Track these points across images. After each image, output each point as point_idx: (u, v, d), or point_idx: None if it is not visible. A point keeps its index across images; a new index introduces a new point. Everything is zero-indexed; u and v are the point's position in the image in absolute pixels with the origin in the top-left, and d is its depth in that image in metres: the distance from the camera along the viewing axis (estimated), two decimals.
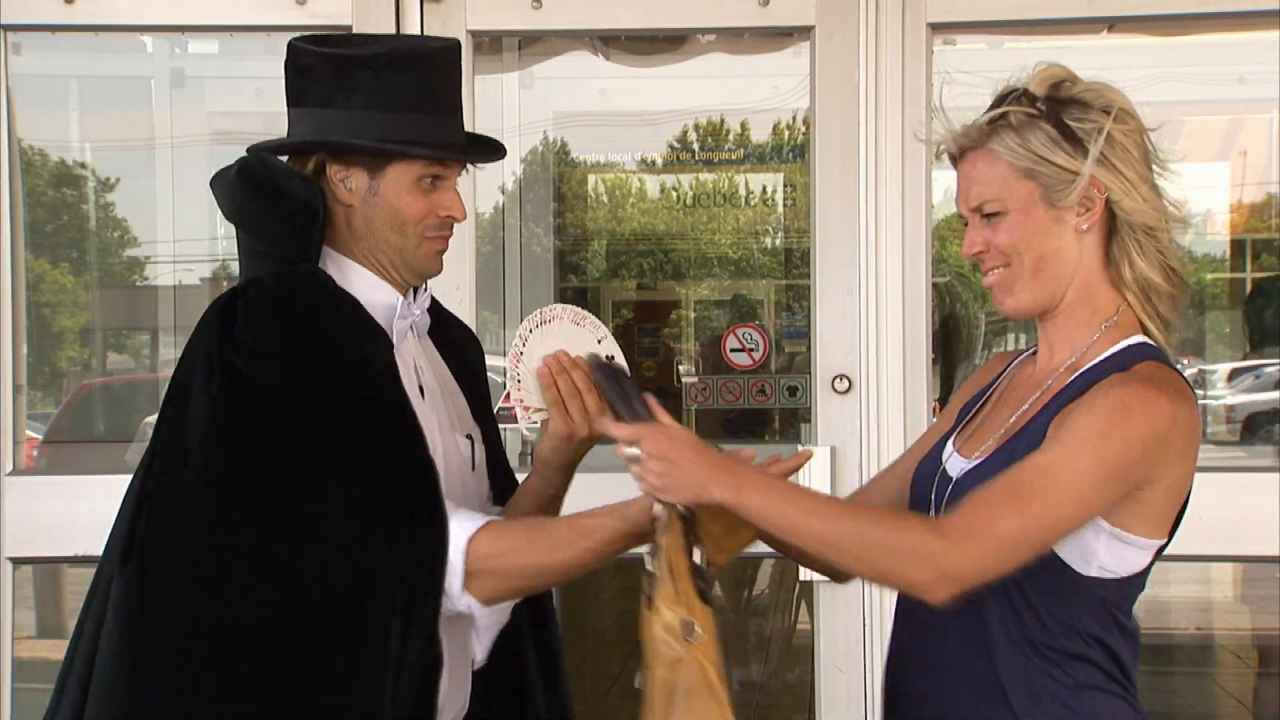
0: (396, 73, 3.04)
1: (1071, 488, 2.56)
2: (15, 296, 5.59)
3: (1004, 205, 2.74)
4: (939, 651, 2.77)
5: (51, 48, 6.52)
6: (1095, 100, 2.74)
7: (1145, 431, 2.61)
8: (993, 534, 2.55)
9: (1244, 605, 7.47)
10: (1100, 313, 2.78)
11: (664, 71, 7.81)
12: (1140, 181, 2.74)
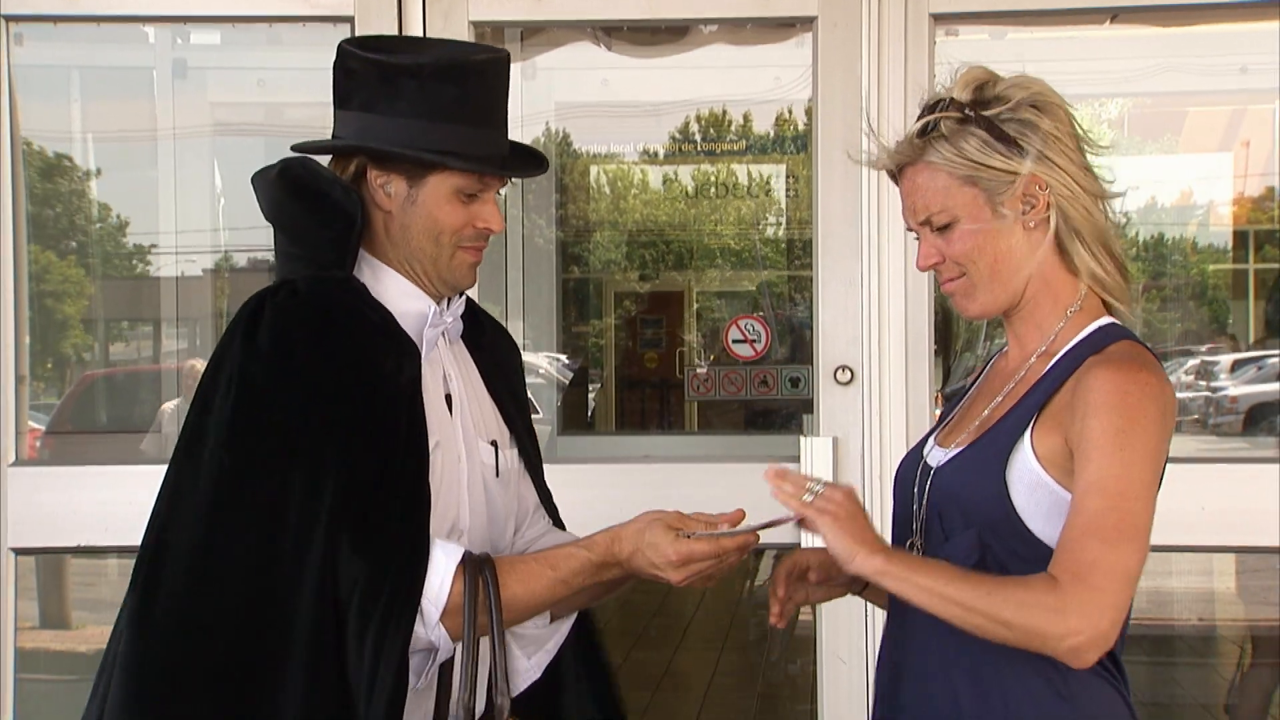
0: (441, 83, 3.04)
1: (1132, 490, 2.59)
2: (18, 287, 5.60)
3: (952, 215, 2.75)
4: (932, 649, 2.77)
5: (53, 38, 6.52)
6: (1019, 96, 2.75)
7: (1153, 398, 2.64)
8: (1110, 581, 2.56)
9: (1242, 597, 7.49)
10: (1063, 300, 2.80)
11: (666, 62, 7.82)
12: (1077, 169, 2.76)
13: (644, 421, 9.76)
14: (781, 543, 5.52)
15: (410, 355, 3.06)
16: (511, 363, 3.43)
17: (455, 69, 3.08)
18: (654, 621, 9.12)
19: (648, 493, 5.63)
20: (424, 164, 3.04)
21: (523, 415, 3.34)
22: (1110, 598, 2.55)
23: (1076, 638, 2.52)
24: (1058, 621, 2.52)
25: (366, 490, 2.89)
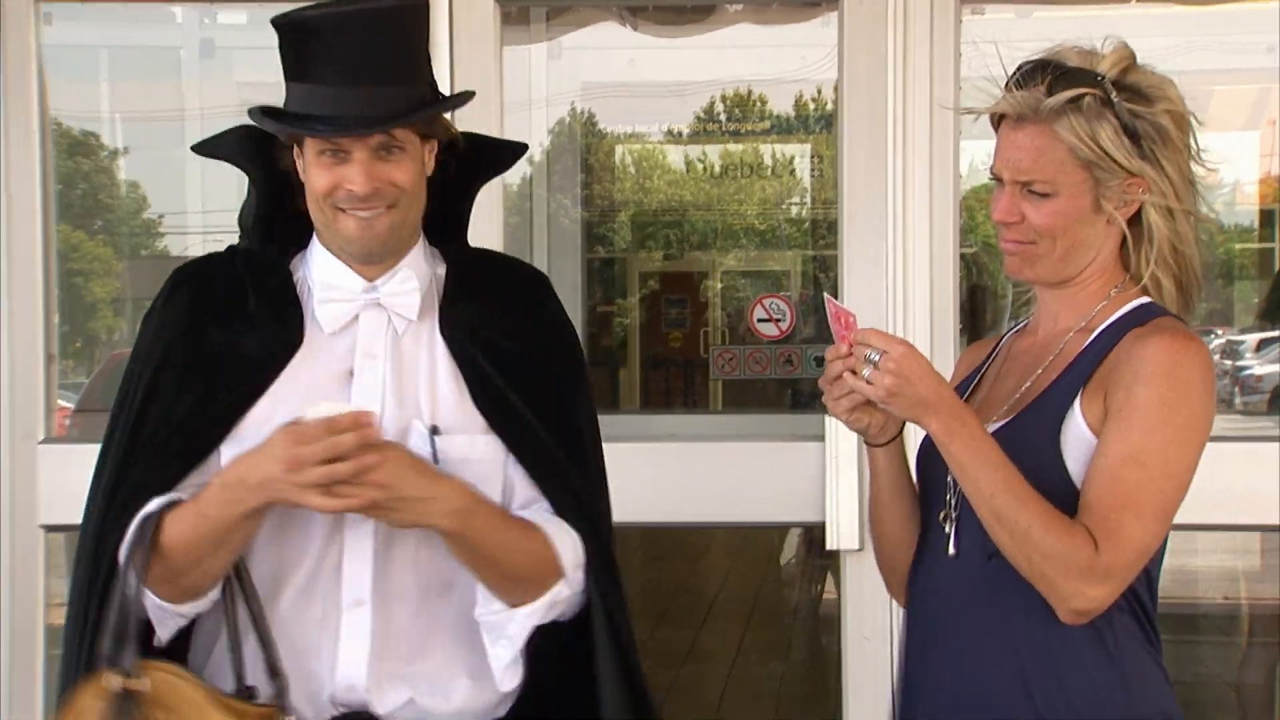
0: (301, 43, 2.91)
1: (1169, 470, 2.64)
2: (47, 266, 5.62)
3: (1054, 188, 2.73)
4: (972, 617, 2.78)
5: (82, 18, 6.54)
6: (1156, 94, 2.73)
7: (1201, 379, 2.68)
8: (1129, 544, 2.62)
9: (1269, 575, 7.54)
10: (1110, 283, 2.81)
11: (692, 42, 7.82)
12: (1181, 182, 2.75)
13: (669, 400, 9.77)
14: (810, 520, 5.54)
15: (286, 327, 2.99)
16: (522, 349, 3.09)
17: (311, 25, 2.90)
18: (677, 599, 9.14)
19: (673, 471, 5.66)
20: (283, 131, 2.96)
21: (531, 403, 3.02)
22: (1130, 575, 2.65)
23: (1088, 604, 2.62)
24: (1082, 586, 2.60)
25: (136, 450, 2.92)
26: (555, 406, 3.06)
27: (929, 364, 2.68)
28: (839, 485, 5.40)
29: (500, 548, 2.83)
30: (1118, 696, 2.70)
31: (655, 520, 5.77)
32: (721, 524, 7.68)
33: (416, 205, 3.00)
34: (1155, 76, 2.75)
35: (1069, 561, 2.59)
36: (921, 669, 2.86)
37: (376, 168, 2.90)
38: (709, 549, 9.17)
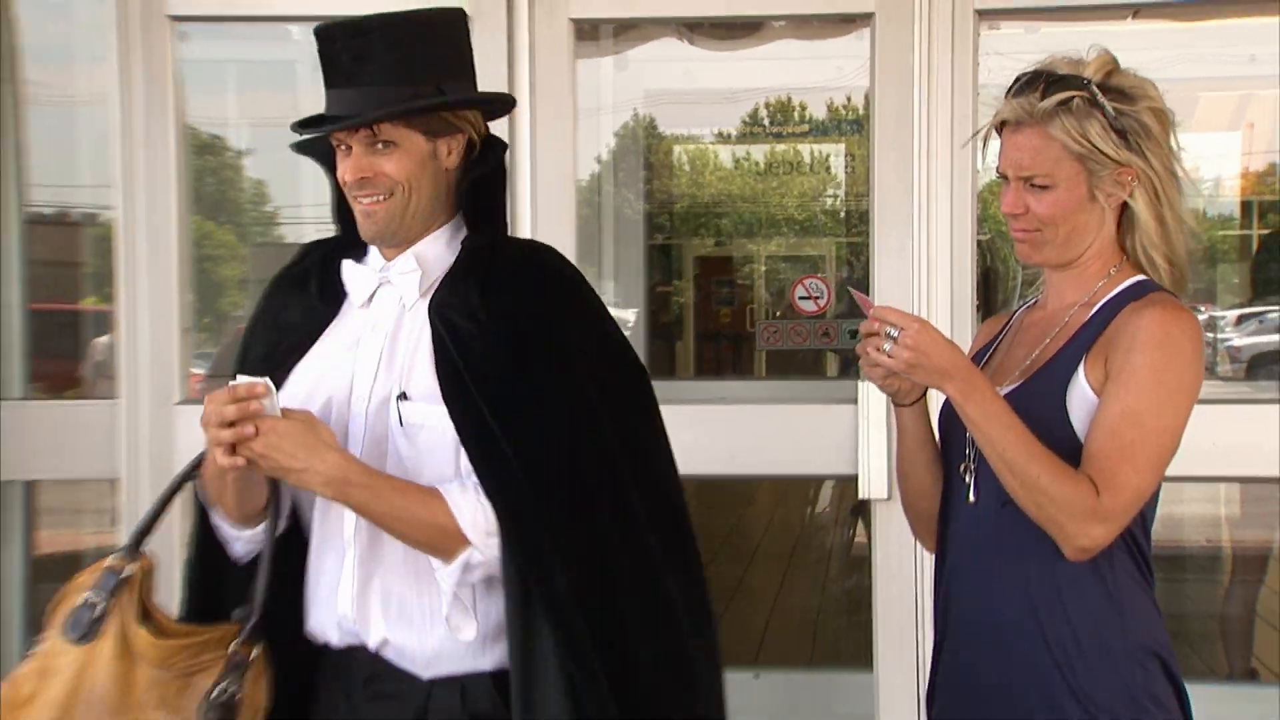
0: (320, 51, 2.92)
1: (1163, 425, 2.66)
2: (182, 252, 5.65)
3: (1052, 181, 2.74)
4: (988, 556, 2.78)
5: (212, 36, 6.54)
6: (1138, 94, 2.75)
7: (1191, 346, 2.70)
8: (1125, 491, 2.64)
9: (1248, 521, 7.57)
10: (1109, 263, 2.81)
11: (741, 54, 7.79)
12: (1165, 173, 2.76)
13: (719, 368, 9.77)
14: (844, 473, 5.54)
15: (323, 302, 3.04)
16: (484, 331, 2.93)
17: (319, 34, 2.92)
18: (727, 542, 9.14)
19: (723, 430, 5.66)
20: (295, 132, 3.00)
21: (481, 382, 2.89)
22: (1127, 517, 2.67)
23: (1091, 543, 2.64)
24: (1086, 526, 2.62)
25: None
26: (509, 389, 2.90)
27: (942, 336, 2.70)
28: (870, 442, 5.39)
29: (386, 515, 2.79)
30: (1115, 627, 2.70)
31: (707, 473, 5.77)
32: (765, 476, 7.69)
33: (419, 195, 2.93)
34: (1136, 78, 2.77)
35: (1074, 506, 2.61)
36: (948, 604, 2.87)
37: (366, 160, 2.88)
38: (755, 498, 9.18)
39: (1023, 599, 2.72)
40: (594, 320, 3.05)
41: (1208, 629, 7.43)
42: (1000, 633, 2.75)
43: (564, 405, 2.90)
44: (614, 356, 3.07)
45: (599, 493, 2.89)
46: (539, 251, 3.11)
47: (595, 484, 2.89)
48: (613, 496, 2.90)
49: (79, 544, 7.16)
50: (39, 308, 6.87)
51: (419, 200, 2.93)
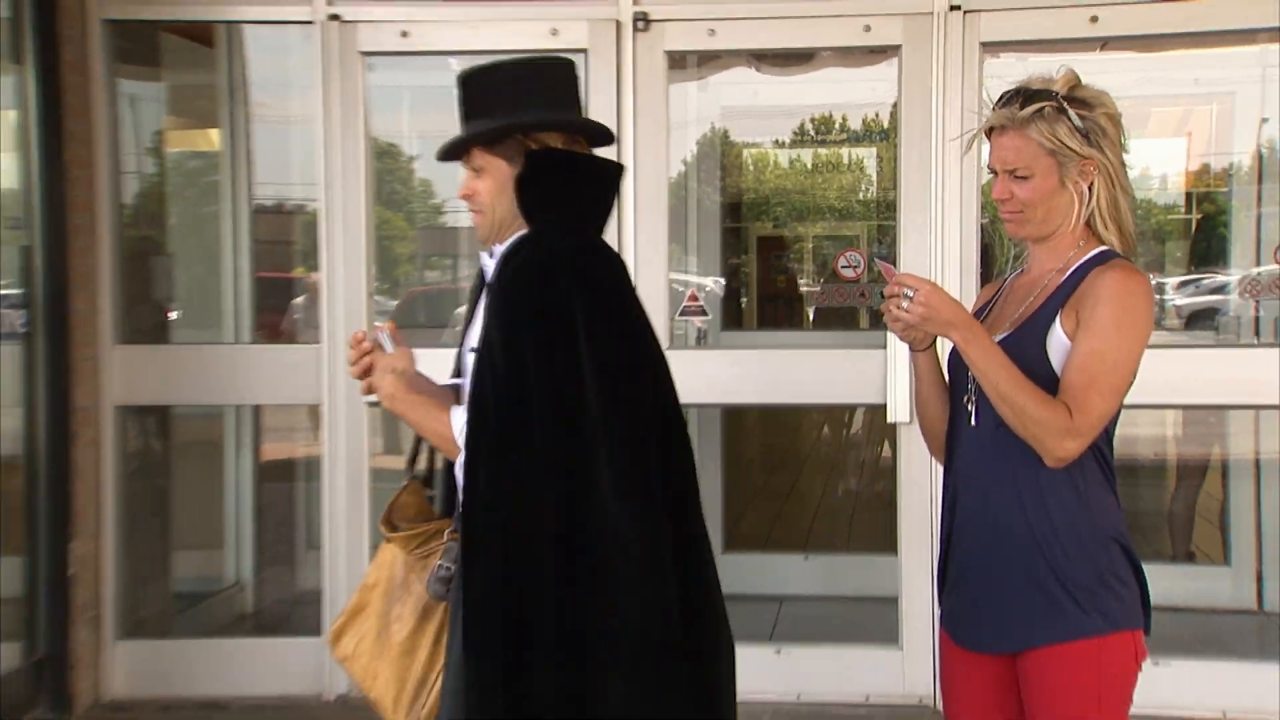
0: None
1: (1120, 361, 2.65)
2: (368, 233, 5.73)
3: (1030, 171, 2.72)
4: (985, 468, 2.76)
5: (391, 67, 6.58)
6: (1097, 103, 2.72)
7: (1143, 299, 2.69)
8: (1093, 412, 2.64)
9: (1189, 439, 7.57)
10: (1078, 238, 2.77)
11: (796, 78, 7.75)
12: (1117, 164, 2.74)
13: (776, 322, 9.75)
14: (875, 402, 5.54)
15: (480, 282, 2.99)
16: (487, 303, 2.89)
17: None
18: (783, 456, 9.15)
19: (780, 369, 5.69)
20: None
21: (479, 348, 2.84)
22: (1094, 434, 2.65)
23: (1066, 454, 2.64)
24: (1062, 441, 2.62)
25: None
26: (482, 347, 2.81)
27: (949, 296, 2.70)
28: (896, 379, 5.39)
29: (415, 425, 2.90)
30: (1085, 519, 2.68)
31: (767, 402, 5.81)
32: (813, 405, 7.70)
33: (500, 208, 2.88)
34: (1094, 90, 2.76)
35: (1052, 425, 2.61)
36: (954, 505, 2.85)
37: (469, 182, 2.89)
38: (804, 422, 9.17)
39: (1013, 499, 2.70)
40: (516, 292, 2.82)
41: (1157, 523, 7.39)
42: (995, 526, 2.73)
43: (509, 370, 2.73)
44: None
45: (539, 433, 2.71)
46: (516, 245, 2.87)
47: (537, 427, 2.72)
48: (556, 439, 2.71)
49: (292, 453, 7.27)
50: (262, 275, 6.99)
51: (500, 213, 2.88)
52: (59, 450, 5.55)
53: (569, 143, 2.85)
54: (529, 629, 2.65)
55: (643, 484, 2.71)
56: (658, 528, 2.71)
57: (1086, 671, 2.67)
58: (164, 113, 6.75)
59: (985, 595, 2.76)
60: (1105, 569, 2.69)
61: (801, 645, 5.70)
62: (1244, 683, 5.41)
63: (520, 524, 2.68)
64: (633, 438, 2.71)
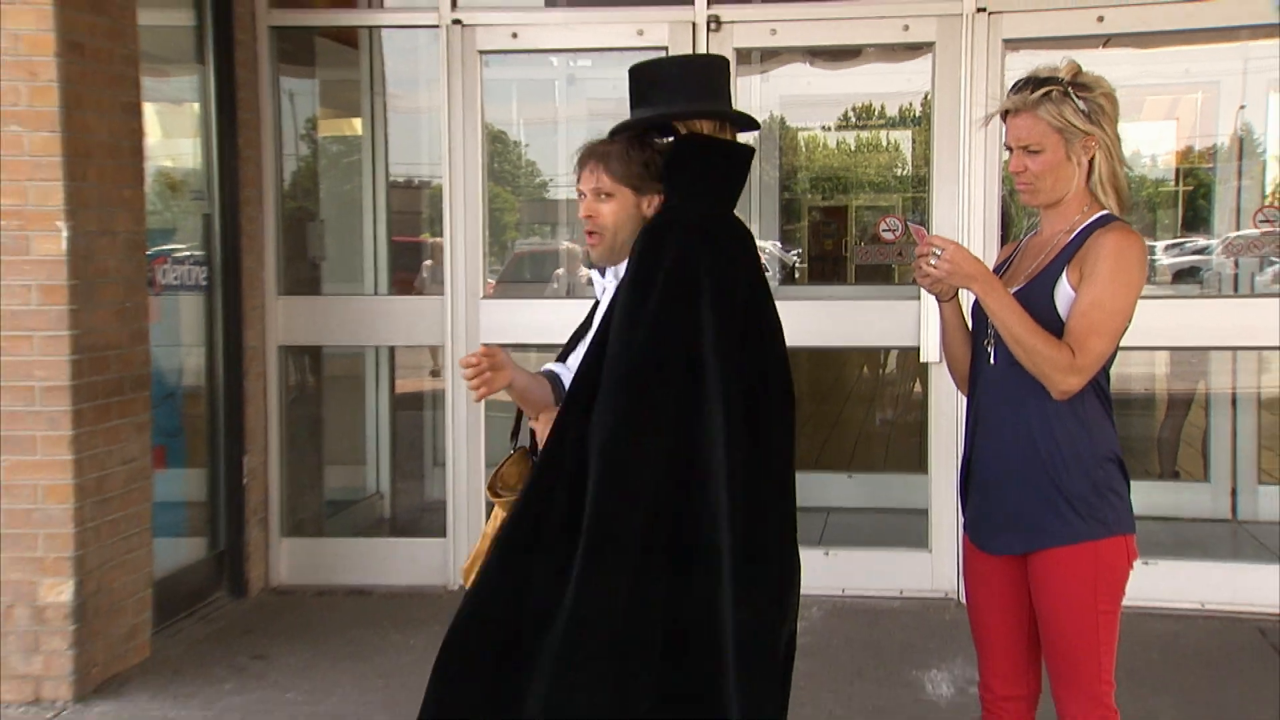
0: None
1: (1111, 307, 2.64)
2: (484, 206, 5.77)
3: (1041, 147, 2.69)
4: (1002, 401, 2.75)
5: (503, 63, 6.59)
6: (1096, 86, 2.69)
7: (1138, 257, 2.67)
8: (1090, 356, 2.63)
9: (1176, 377, 7.52)
10: (1083, 204, 2.74)
11: (845, 71, 7.70)
12: (1114, 138, 2.71)
13: (825, 277, 9.72)
14: (909, 345, 5.54)
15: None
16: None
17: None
18: (830, 390, 9.10)
19: (828, 317, 5.70)
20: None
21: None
22: (1094, 371, 2.65)
23: (1069, 388, 2.64)
24: (1066, 376, 2.62)
25: None
26: (614, 303, 2.67)
27: (970, 253, 2.70)
28: (927, 325, 5.38)
29: (524, 402, 2.78)
30: (1085, 442, 2.68)
31: (818, 345, 5.81)
32: (857, 348, 7.68)
33: (621, 233, 2.78)
34: (1094, 76, 2.72)
35: (1057, 363, 2.61)
36: (975, 431, 2.84)
37: (591, 204, 2.80)
38: (848, 362, 9.13)
39: (1024, 426, 2.70)
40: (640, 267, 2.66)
41: (1147, 446, 7.35)
42: (1009, 449, 2.73)
43: (634, 352, 2.58)
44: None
45: (658, 379, 2.55)
46: (649, 229, 2.71)
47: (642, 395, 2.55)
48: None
49: (420, 386, 7.33)
50: (397, 240, 7.05)
51: (620, 237, 2.79)
52: (233, 382, 5.67)
53: (719, 129, 2.72)
54: (649, 545, 2.49)
55: (747, 418, 2.56)
56: (757, 465, 2.56)
57: (1086, 569, 2.68)
58: (316, 105, 6.81)
59: (1000, 507, 2.76)
60: (1102, 483, 2.68)
61: (846, 548, 5.72)
62: (1219, 580, 5.41)
63: (638, 458, 2.52)
64: (742, 391, 2.55)
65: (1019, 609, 2.80)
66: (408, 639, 5.12)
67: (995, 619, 2.84)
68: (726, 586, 2.47)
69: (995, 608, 2.83)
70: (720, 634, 2.47)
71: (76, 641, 4.44)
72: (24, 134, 4.33)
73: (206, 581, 5.61)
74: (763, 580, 2.54)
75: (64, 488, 4.39)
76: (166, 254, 5.44)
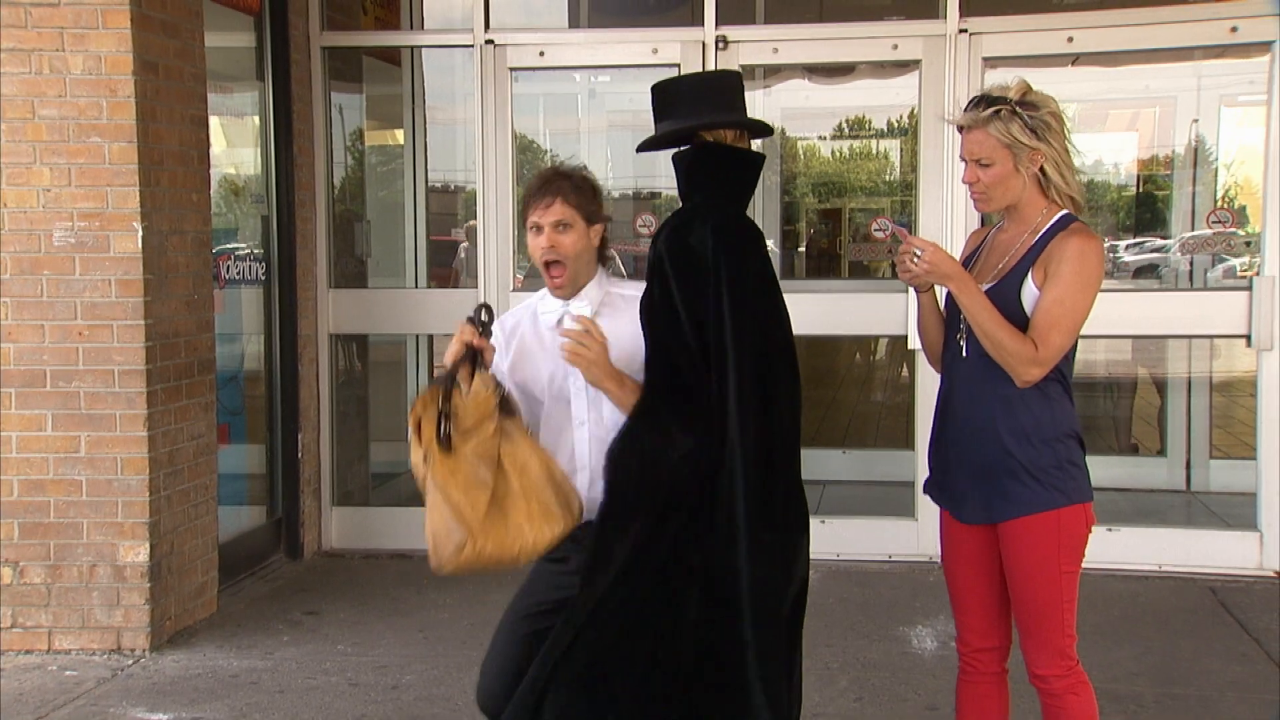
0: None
1: (1071, 304, 2.64)
2: (513, 209, 5.75)
3: (991, 160, 2.68)
4: (974, 387, 2.74)
5: (531, 79, 6.60)
6: (1043, 105, 2.68)
7: (1096, 259, 2.66)
8: (1050, 349, 2.64)
9: (1138, 360, 7.55)
10: (1041, 208, 2.72)
11: (840, 86, 7.71)
12: (1061, 152, 2.69)
13: (821, 272, 9.71)
14: (897, 333, 5.54)
15: None
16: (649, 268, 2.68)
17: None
18: (825, 373, 9.08)
19: (823, 308, 5.70)
20: None
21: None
22: (1054, 362, 2.65)
23: (1030, 378, 2.65)
24: (1029, 368, 2.63)
25: None
26: (645, 297, 2.64)
27: (947, 254, 2.69)
28: (913, 315, 5.37)
29: (615, 397, 2.62)
30: (1047, 421, 2.68)
31: (815, 333, 5.81)
32: (849, 335, 7.69)
33: (580, 263, 2.77)
34: (1042, 95, 2.71)
35: (1021, 355, 2.62)
36: (946, 412, 2.83)
37: (550, 235, 2.74)
38: (842, 349, 9.14)
39: (990, 411, 2.70)
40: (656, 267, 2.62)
41: (1110, 424, 7.37)
42: (979, 431, 2.72)
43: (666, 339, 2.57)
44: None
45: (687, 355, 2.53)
46: (673, 228, 2.65)
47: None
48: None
49: None
50: (434, 239, 7.07)
51: (579, 268, 2.77)
52: (289, 367, 5.71)
53: (736, 137, 2.67)
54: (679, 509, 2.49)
55: (759, 397, 2.53)
56: (766, 428, 2.55)
57: (1051, 535, 2.68)
58: (363, 117, 6.82)
59: (973, 482, 2.76)
60: (1063, 457, 2.69)
61: (840, 518, 5.74)
62: (1175, 545, 5.42)
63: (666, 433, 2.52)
64: (755, 374, 2.53)
65: (990, 571, 2.80)
66: (444, 597, 5.17)
67: (969, 581, 2.84)
68: (743, 552, 2.48)
69: (969, 571, 2.83)
70: (738, 588, 2.49)
71: (152, 597, 4.50)
72: (104, 144, 4.39)
73: (265, 545, 5.66)
74: (774, 548, 2.54)
75: (140, 460, 4.45)
76: (230, 251, 5.49)
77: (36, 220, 4.41)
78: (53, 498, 4.47)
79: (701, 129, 2.66)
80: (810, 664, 4.22)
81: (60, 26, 4.34)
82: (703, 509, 2.51)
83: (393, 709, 4.00)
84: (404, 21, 6.75)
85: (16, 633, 4.51)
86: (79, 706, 4.05)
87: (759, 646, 2.48)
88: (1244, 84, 6.72)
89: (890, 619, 4.81)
